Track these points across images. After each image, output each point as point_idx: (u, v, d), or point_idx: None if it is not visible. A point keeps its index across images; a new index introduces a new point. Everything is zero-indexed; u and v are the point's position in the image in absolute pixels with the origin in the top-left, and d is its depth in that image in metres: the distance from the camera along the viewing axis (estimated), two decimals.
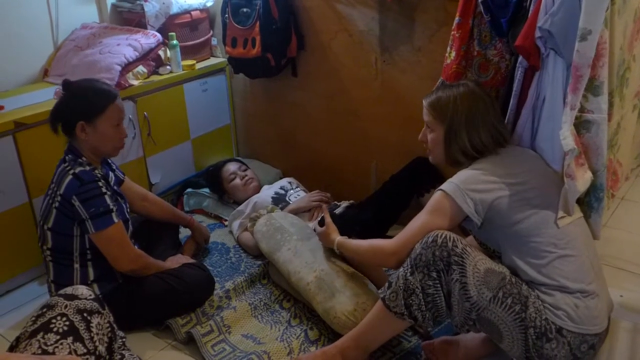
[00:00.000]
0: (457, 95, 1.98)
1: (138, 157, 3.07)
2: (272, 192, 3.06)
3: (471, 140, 1.95)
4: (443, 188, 1.90)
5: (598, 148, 1.88)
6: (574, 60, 1.74)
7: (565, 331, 1.75)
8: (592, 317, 1.77)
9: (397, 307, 1.88)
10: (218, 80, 3.46)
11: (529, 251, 1.83)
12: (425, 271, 1.82)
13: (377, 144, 2.99)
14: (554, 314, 1.76)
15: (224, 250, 2.88)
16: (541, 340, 1.75)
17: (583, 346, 1.77)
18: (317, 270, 2.26)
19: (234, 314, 2.37)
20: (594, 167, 1.90)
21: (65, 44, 3.15)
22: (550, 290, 1.79)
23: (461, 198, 1.85)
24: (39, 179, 2.56)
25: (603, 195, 1.94)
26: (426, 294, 1.84)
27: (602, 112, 1.84)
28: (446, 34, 2.31)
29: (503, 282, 1.78)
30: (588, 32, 1.70)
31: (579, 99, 1.77)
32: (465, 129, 1.96)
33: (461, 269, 1.79)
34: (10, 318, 2.48)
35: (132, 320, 2.26)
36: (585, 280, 1.80)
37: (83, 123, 2.19)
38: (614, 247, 2.60)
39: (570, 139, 1.75)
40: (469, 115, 1.95)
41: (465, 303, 1.79)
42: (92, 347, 1.50)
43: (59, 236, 2.22)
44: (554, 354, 1.76)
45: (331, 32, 2.95)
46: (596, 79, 1.80)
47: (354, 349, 2.00)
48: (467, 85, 2.02)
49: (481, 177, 1.88)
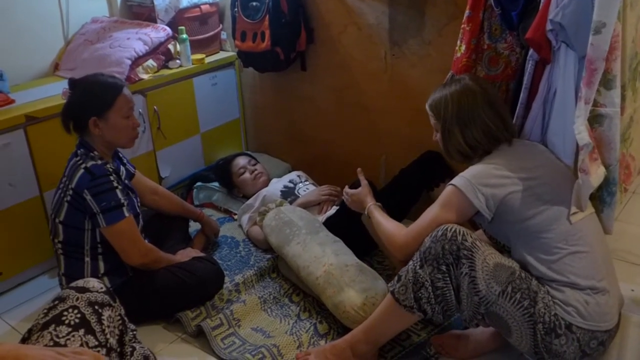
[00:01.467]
0: (449, 93, 1.98)
1: (148, 151, 3.08)
2: (281, 185, 3.06)
3: (464, 137, 1.95)
4: (454, 182, 1.89)
5: (611, 142, 1.86)
6: (588, 54, 1.72)
7: (574, 327, 1.74)
8: (603, 313, 1.77)
9: (406, 300, 1.88)
10: (227, 74, 3.46)
11: (539, 247, 1.82)
12: (434, 264, 1.82)
13: (386, 137, 2.98)
14: (564, 310, 1.75)
15: (234, 244, 2.89)
16: (550, 335, 1.75)
17: (592, 342, 1.76)
18: (326, 264, 2.26)
19: (244, 308, 2.38)
20: (607, 162, 1.89)
21: (76, 38, 3.16)
22: (561, 287, 1.78)
23: (472, 193, 1.84)
24: (50, 173, 2.58)
25: (616, 190, 1.93)
26: (435, 287, 1.83)
27: (615, 105, 1.82)
28: (456, 28, 2.30)
29: (512, 277, 1.78)
30: (602, 25, 1.68)
31: (593, 92, 1.75)
32: (457, 126, 1.96)
33: (470, 262, 1.78)
34: (21, 311, 2.49)
35: (143, 313, 2.27)
36: (596, 277, 1.79)
37: (95, 119, 2.20)
38: (625, 241, 2.59)
39: (585, 133, 1.73)
40: (459, 112, 1.95)
41: (474, 297, 1.79)
42: (103, 339, 1.50)
43: (70, 229, 2.23)
44: (562, 350, 1.75)
45: (340, 25, 2.94)
46: (609, 72, 1.78)
47: (363, 343, 2.00)
48: (461, 81, 2.01)
49: (493, 172, 1.87)
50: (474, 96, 1.95)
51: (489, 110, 1.94)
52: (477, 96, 1.95)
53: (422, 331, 2.20)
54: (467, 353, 2.06)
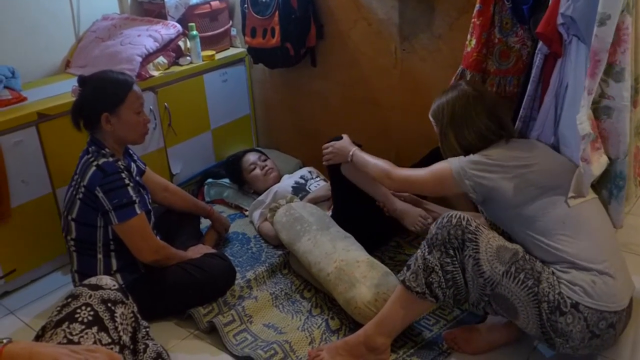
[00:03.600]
0: (446, 100, 2.11)
1: (159, 148, 3.09)
2: (293, 181, 3.06)
3: (458, 140, 2.06)
4: (451, 163, 2.01)
5: (619, 135, 1.86)
6: (593, 45, 1.73)
7: (582, 307, 1.76)
8: (611, 294, 1.78)
9: (418, 286, 1.91)
10: (238, 71, 3.46)
11: (536, 230, 1.88)
12: (442, 249, 1.88)
13: (397, 133, 2.98)
14: (570, 289, 1.78)
15: (245, 240, 2.90)
16: (555, 314, 1.77)
17: (601, 323, 1.77)
18: (337, 260, 2.26)
19: (255, 304, 2.38)
20: (615, 154, 1.89)
21: (87, 35, 3.17)
22: (565, 268, 1.82)
23: (460, 178, 1.96)
24: (62, 170, 2.59)
25: (624, 184, 1.92)
26: (445, 271, 1.88)
27: (624, 99, 1.81)
28: (467, 22, 2.29)
29: (515, 257, 1.83)
30: (607, 16, 1.69)
31: (596, 83, 1.77)
32: (451, 130, 2.08)
33: (474, 245, 1.85)
34: (34, 307, 2.51)
35: (155, 310, 2.28)
36: (597, 259, 1.81)
37: (107, 114, 2.21)
38: (638, 234, 2.57)
39: (586, 123, 1.76)
40: (453, 116, 2.08)
41: (479, 279, 1.84)
42: (116, 336, 1.51)
43: (82, 227, 2.24)
44: (569, 329, 1.77)
45: (350, 21, 2.93)
46: (616, 64, 1.78)
47: (377, 336, 2.01)
48: (457, 87, 2.12)
49: (484, 161, 1.95)
50: (467, 100, 2.05)
51: (482, 113, 2.04)
52: (470, 100, 2.05)
53: (434, 326, 2.20)
54: (479, 347, 2.06)
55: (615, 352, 1.98)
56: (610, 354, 1.98)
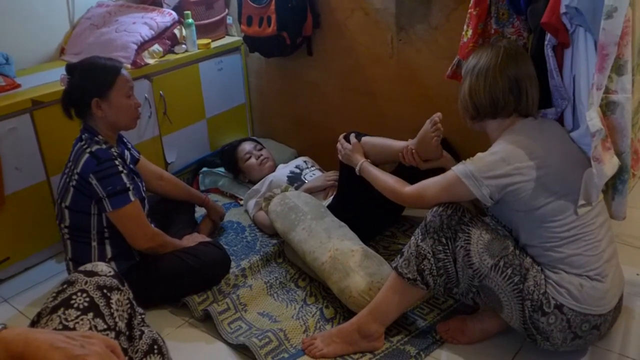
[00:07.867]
0: (480, 50, 2.01)
1: (154, 136, 3.08)
2: (288, 170, 3.06)
3: (471, 91, 1.97)
4: (457, 172, 1.89)
5: (623, 129, 1.84)
6: (600, 39, 1.68)
7: (566, 308, 1.77)
8: (597, 298, 1.79)
9: (409, 273, 1.92)
10: (233, 59, 3.45)
11: (540, 234, 1.85)
12: (435, 237, 1.89)
13: (392, 123, 2.97)
14: (555, 290, 1.79)
15: (240, 229, 2.90)
16: (537, 313, 1.79)
17: (584, 325, 1.79)
18: (331, 250, 2.27)
19: (250, 292, 2.39)
20: (620, 149, 1.87)
21: (82, 22, 3.15)
22: (556, 269, 1.82)
23: (476, 186, 1.84)
24: (56, 157, 2.58)
25: (628, 177, 1.91)
26: (437, 259, 1.89)
27: (627, 92, 1.79)
28: (463, 12, 2.28)
29: (505, 252, 1.83)
30: (614, 9, 1.65)
31: (605, 78, 1.72)
32: (469, 78, 1.98)
33: (467, 236, 1.85)
34: (28, 295, 2.51)
35: (149, 298, 2.27)
36: (595, 265, 1.81)
37: (97, 99, 2.20)
38: (631, 225, 2.57)
39: (597, 119, 1.71)
40: (475, 66, 1.97)
41: (468, 270, 1.85)
42: (112, 323, 1.51)
43: (76, 214, 2.24)
44: (550, 328, 1.79)
45: (347, 10, 2.92)
46: (620, 57, 1.76)
47: (370, 323, 2.02)
48: (498, 42, 2.04)
49: (500, 163, 1.84)
50: (496, 54, 1.94)
51: (505, 77, 1.91)
52: (500, 58, 1.93)
53: (428, 316, 2.21)
54: (473, 336, 2.07)
55: (606, 342, 2.00)
56: (602, 343, 1.99)
